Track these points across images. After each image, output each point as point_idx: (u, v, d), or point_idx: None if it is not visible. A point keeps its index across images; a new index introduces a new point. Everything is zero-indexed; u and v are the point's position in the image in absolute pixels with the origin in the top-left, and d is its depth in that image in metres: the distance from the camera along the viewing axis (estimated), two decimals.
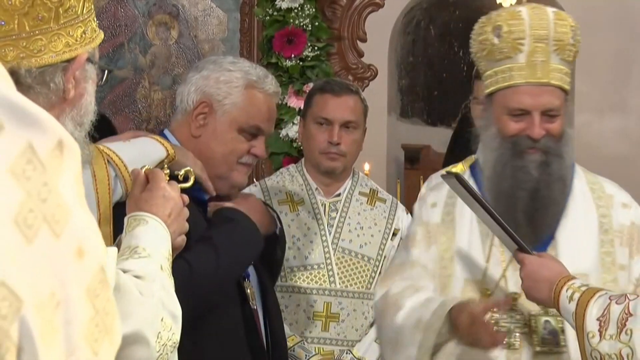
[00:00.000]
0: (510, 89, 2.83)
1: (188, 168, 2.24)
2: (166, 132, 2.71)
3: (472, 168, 3.03)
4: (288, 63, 4.48)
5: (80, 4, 1.73)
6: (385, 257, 3.65)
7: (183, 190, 2.20)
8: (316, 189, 3.67)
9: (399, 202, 3.83)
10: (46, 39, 1.69)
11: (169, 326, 1.77)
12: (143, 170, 2.11)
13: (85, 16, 1.75)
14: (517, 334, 2.84)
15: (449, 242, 2.95)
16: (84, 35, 1.74)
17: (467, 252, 2.94)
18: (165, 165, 2.18)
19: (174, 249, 2.13)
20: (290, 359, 3.47)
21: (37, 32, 1.68)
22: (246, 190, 3.74)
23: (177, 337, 1.80)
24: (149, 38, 4.75)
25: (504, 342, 2.79)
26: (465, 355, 2.84)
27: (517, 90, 2.82)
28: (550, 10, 2.90)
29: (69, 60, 1.71)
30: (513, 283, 2.85)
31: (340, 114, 3.59)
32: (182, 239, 2.12)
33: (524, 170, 2.86)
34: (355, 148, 3.66)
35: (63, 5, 1.70)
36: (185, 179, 2.23)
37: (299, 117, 3.83)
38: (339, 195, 3.69)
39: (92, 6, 1.78)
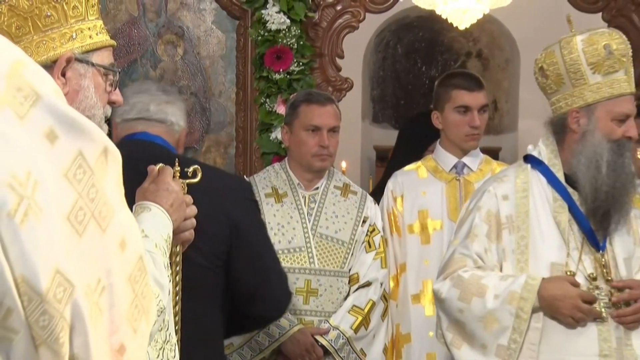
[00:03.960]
0: (619, 99, 2.85)
1: (196, 166, 2.24)
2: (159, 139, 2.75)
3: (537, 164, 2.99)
4: (277, 76, 4.48)
5: (61, 15, 1.70)
6: (356, 240, 3.64)
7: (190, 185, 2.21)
8: (298, 183, 3.67)
9: (368, 194, 3.82)
10: (32, 46, 1.67)
11: (157, 293, 1.74)
12: (157, 167, 2.11)
13: (72, 22, 1.72)
14: (605, 308, 2.82)
15: (525, 231, 2.90)
16: (63, 37, 1.71)
17: (547, 240, 2.89)
18: (177, 163, 2.18)
19: (182, 241, 2.13)
20: (276, 328, 3.49)
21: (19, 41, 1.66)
22: None
23: (163, 303, 1.77)
24: (158, 55, 4.74)
25: (595, 311, 2.80)
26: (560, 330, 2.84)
27: (624, 100, 2.85)
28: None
29: (55, 62, 1.69)
30: (588, 264, 2.87)
31: (327, 121, 3.60)
32: (190, 234, 2.12)
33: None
34: (337, 148, 3.68)
35: (40, 15, 1.67)
36: (194, 175, 2.23)
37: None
38: (317, 188, 3.69)
39: (87, 13, 1.75)
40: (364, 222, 3.69)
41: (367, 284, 3.63)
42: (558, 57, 2.88)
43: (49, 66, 1.67)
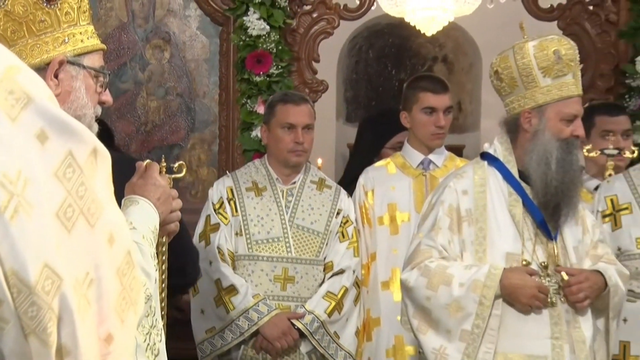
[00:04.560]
0: (568, 100, 2.86)
1: (181, 162, 2.23)
2: None
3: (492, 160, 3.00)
4: (257, 79, 4.47)
5: (54, 20, 1.69)
6: (331, 231, 3.65)
7: (176, 180, 2.20)
8: (277, 178, 3.67)
9: (342, 188, 3.82)
10: (26, 49, 1.66)
11: (144, 281, 1.72)
12: (144, 163, 2.10)
13: (64, 27, 1.71)
14: (555, 294, 2.85)
15: (483, 223, 2.91)
16: (56, 41, 1.70)
17: (504, 231, 2.90)
18: (163, 159, 2.16)
19: (168, 233, 2.13)
20: (255, 312, 3.49)
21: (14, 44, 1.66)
22: (218, 181, 3.75)
23: (150, 291, 1.77)
24: (146, 58, 4.71)
25: (548, 300, 2.83)
26: (516, 316, 2.85)
27: (572, 101, 2.86)
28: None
29: (48, 64, 1.68)
30: (541, 254, 2.88)
31: (302, 119, 3.61)
32: (175, 225, 2.11)
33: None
34: (311, 144, 3.68)
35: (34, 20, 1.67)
36: (179, 170, 2.22)
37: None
38: (294, 183, 3.68)
39: (79, 18, 1.74)
40: (338, 214, 3.69)
41: (341, 272, 3.63)
42: (511, 62, 2.89)
43: (43, 68, 1.67)
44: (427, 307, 2.89)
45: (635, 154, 3.62)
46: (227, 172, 3.91)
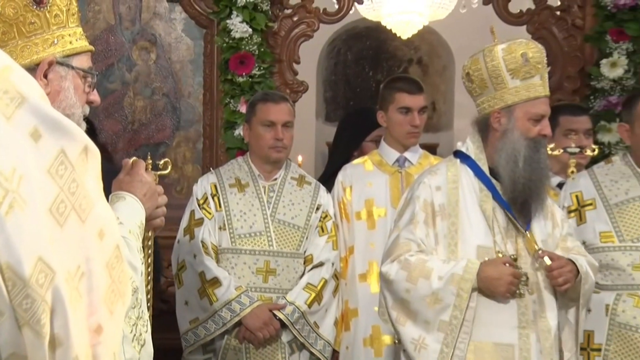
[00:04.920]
0: (535, 101, 2.86)
1: (167, 159, 2.22)
2: None
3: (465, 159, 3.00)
4: (240, 79, 4.46)
5: (44, 22, 1.69)
6: (311, 225, 3.65)
7: (161, 176, 2.20)
8: (259, 175, 3.67)
9: (321, 184, 3.83)
10: (17, 50, 1.65)
11: (130, 275, 1.70)
12: (131, 160, 2.10)
13: (54, 29, 1.70)
14: (523, 286, 2.86)
15: (455, 218, 2.91)
16: (45, 43, 1.69)
17: (475, 225, 2.91)
18: (149, 156, 2.16)
19: (154, 228, 2.12)
20: (237, 304, 3.49)
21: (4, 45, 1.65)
22: (202, 178, 3.75)
23: (136, 284, 1.76)
24: (133, 59, 4.69)
25: (516, 291, 2.85)
26: (485, 306, 2.86)
27: (539, 102, 2.87)
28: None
29: (38, 64, 1.67)
30: (510, 247, 2.89)
31: (281, 117, 3.61)
32: (161, 220, 2.10)
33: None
34: (291, 141, 3.68)
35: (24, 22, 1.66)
36: (165, 167, 2.22)
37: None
38: (276, 179, 3.69)
39: (68, 21, 1.74)
40: (317, 209, 3.70)
41: (320, 264, 3.63)
42: (482, 64, 2.90)
43: (32, 68, 1.66)
44: (407, 299, 2.89)
45: (596, 152, 3.67)
46: (211, 169, 3.91)
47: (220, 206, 3.60)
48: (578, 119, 3.83)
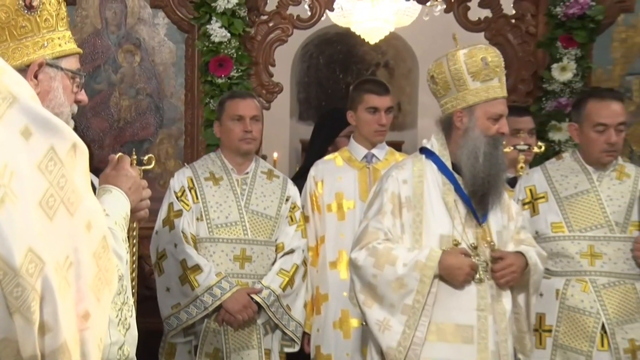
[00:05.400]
0: (494, 101, 2.87)
1: (150, 155, 2.21)
2: None
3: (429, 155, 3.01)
4: (219, 81, 4.44)
5: (34, 26, 1.67)
6: (281, 215, 3.66)
7: (146, 171, 2.18)
8: (231, 169, 3.67)
9: (288, 178, 3.84)
10: (8, 51, 1.63)
11: (116, 263, 1.72)
12: (117, 156, 2.09)
13: (44, 32, 1.68)
14: (483, 272, 2.88)
15: (420, 209, 2.91)
16: (36, 45, 1.67)
17: (438, 216, 2.91)
18: (134, 152, 2.14)
19: (138, 219, 2.10)
20: (218, 289, 3.48)
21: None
22: (179, 172, 3.72)
23: (121, 271, 1.75)
24: (119, 61, 4.65)
25: (476, 277, 2.86)
26: (448, 291, 2.86)
27: (498, 102, 2.88)
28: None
29: (29, 66, 1.65)
30: (470, 236, 2.91)
31: (249, 111, 3.62)
32: (145, 213, 2.09)
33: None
34: (260, 134, 3.69)
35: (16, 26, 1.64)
36: (149, 162, 2.20)
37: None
38: (247, 173, 3.68)
39: (57, 25, 1.72)
40: (287, 200, 3.71)
41: (291, 251, 3.64)
42: (445, 68, 2.91)
43: (23, 70, 1.64)
44: (374, 283, 2.90)
45: (542, 149, 3.72)
46: (185, 164, 3.89)
47: (197, 198, 3.59)
48: (522, 119, 3.91)
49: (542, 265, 3.03)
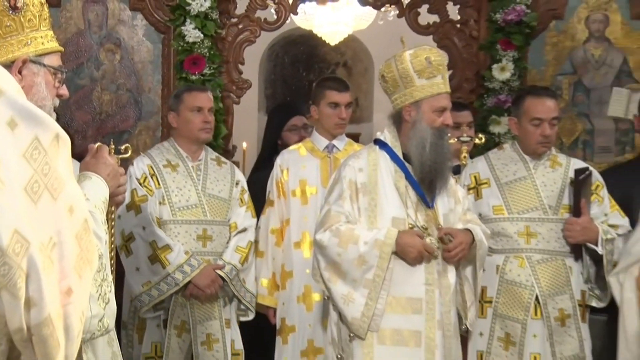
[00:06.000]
0: (438, 96, 2.89)
1: (127, 145, 2.19)
2: None
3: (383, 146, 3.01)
4: (193, 77, 4.39)
5: (19, 25, 1.64)
6: (233, 198, 3.68)
7: (123, 159, 2.16)
8: (186, 156, 3.66)
9: (234, 164, 3.86)
10: None
11: (97, 243, 1.70)
12: (96, 145, 2.06)
13: (27, 31, 1.65)
14: (438, 249, 2.92)
15: (374, 194, 2.92)
16: (20, 43, 1.64)
17: (390, 200, 2.92)
18: (112, 142, 2.12)
19: (116, 203, 2.08)
20: (188, 266, 3.46)
21: None
22: (137, 160, 3.63)
23: (101, 251, 1.73)
24: (100, 59, 4.58)
25: (432, 256, 2.89)
26: (401, 267, 2.88)
27: (441, 97, 2.90)
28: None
29: (13, 62, 1.63)
30: (421, 218, 2.92)
31: (208, 103, 3.64)
32: (122, 197, 2.08)
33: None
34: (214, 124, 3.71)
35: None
36: (125, 151, 2.18)
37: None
38: (200, 160, 3.68)
39: (40, 24, 1.68)
40: (237, 184, 3.73)
41: (244, 230, 3.68)
42: (394, 67, 2.93)
43: (8, 65, 1.61)
44: (338, 261, 2.91)
45: (483, 140, 3.78)
46: (141, 152, 3.85)
47: (159, 184, 3.57)
48: (461, 114, 3.97)
49: (486, 242, 3.08)
